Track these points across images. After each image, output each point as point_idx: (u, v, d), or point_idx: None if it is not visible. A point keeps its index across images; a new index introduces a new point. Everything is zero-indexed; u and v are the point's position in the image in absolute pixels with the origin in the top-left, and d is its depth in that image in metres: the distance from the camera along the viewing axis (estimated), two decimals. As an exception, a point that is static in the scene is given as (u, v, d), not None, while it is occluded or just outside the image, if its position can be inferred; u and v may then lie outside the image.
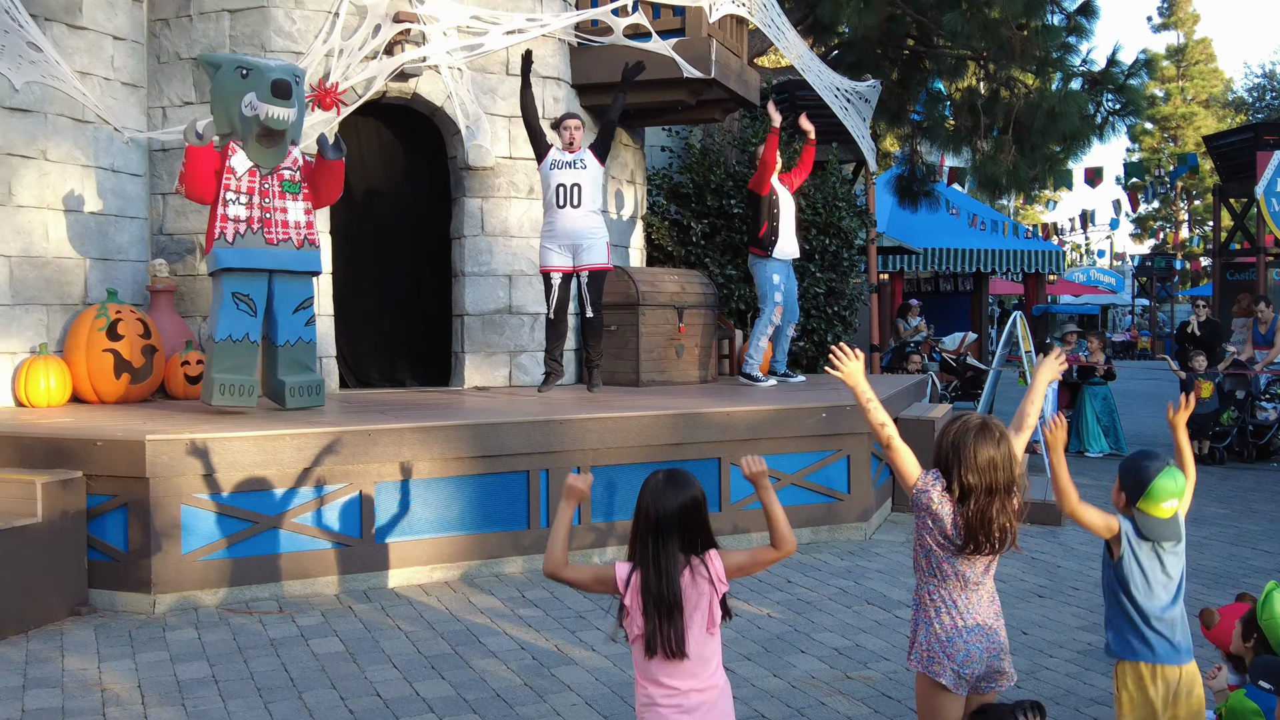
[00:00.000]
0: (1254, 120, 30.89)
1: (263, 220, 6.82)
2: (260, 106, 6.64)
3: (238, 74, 6.72)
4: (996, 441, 3.17)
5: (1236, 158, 15.13)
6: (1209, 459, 11.72)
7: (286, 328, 6.97)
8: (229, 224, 6.71)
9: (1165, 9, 48.66)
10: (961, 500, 3.17)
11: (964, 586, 3.24)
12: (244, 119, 6.71)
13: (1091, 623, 5.81)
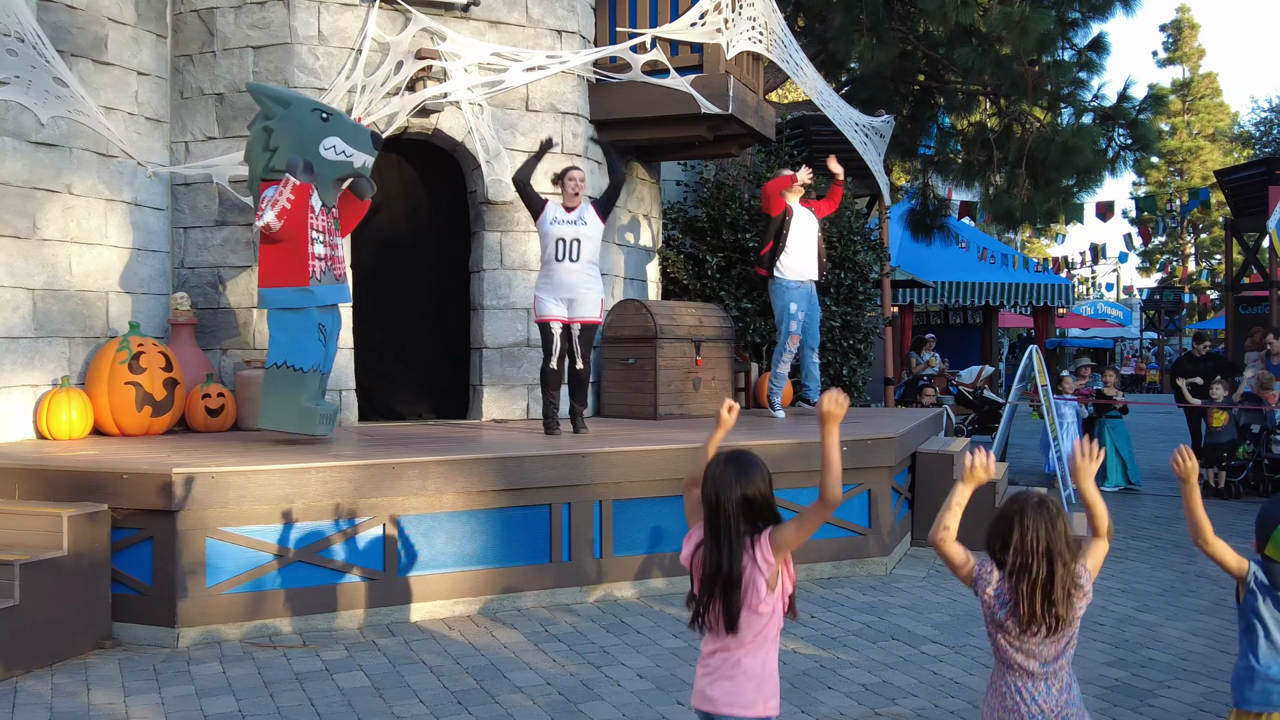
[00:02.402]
0: (1261, 154, 30.98)
1: (329, 257, 7.02)
2: (356, 154, 6.96)
3: (316, 116, 6.90)
4: (1053, 519, 3.07)
5: (1248, 192, 15.18)
6: (1225, 493, 11.68)
7: (330, 357, 7.24)
8: (316, 262, 6.87)
9: (1170, 44, 48.97)
10: (1012, 576, 3.06)
11: (1029, 676, 3.11)
12: (328, 162, 6.91)
13: (1117, 659, 5.78)
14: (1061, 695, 3.12)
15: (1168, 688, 5.33)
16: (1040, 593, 3.01)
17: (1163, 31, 49.39)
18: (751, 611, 3.03)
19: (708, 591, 3.04)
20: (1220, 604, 6.97)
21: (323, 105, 7.13)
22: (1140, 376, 34.87)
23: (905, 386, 14.51)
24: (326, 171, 6.91)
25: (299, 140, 6.83)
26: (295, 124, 6.87)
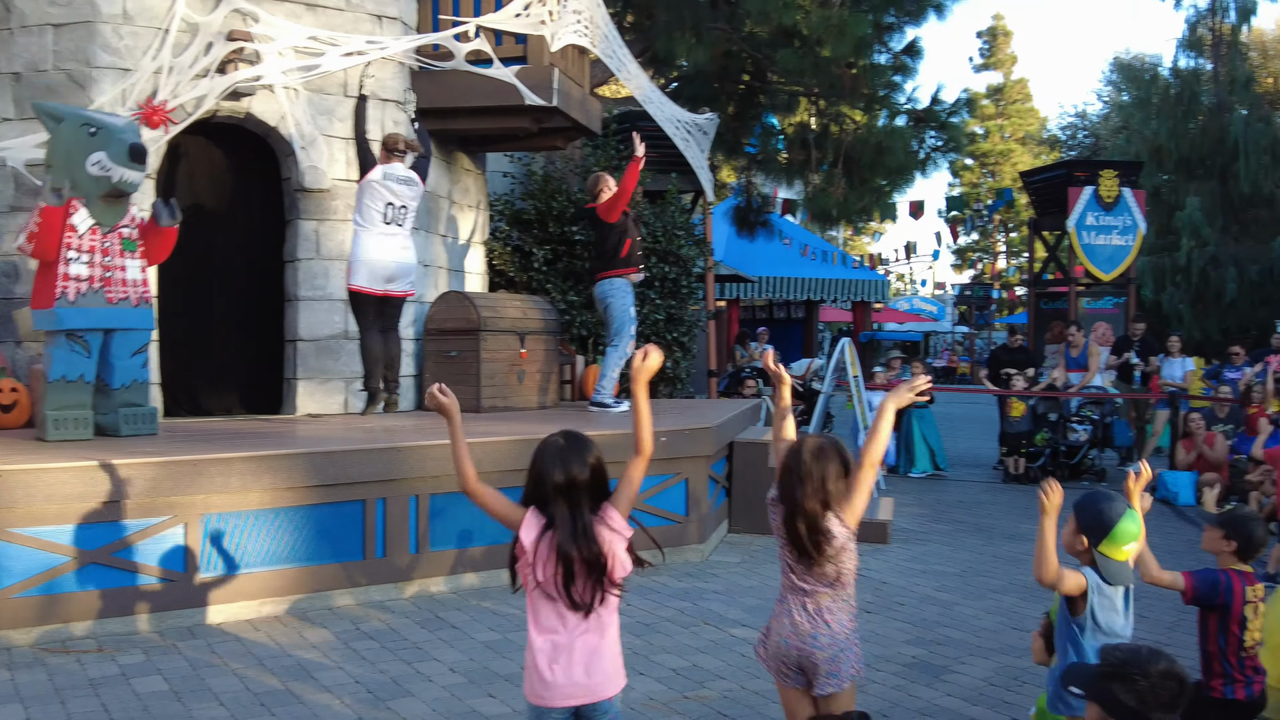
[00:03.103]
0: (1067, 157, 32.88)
1: (103, 279, 6.65)
2: (114, 169, 6.54)
3: (84, 131, 6.57)
4: (829, 457, 3.42)
5: (1050, 193, 16.05)
6: (1024, 478, 12.37)
7: (123, 371, 6.85)
8: (71, 283, 6.52)
9: (986, 50, 51.40)
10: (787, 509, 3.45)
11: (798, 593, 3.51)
12: (92, 178, 6.56)
13: (916, 637, 6.06)
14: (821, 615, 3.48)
15: (962, 664, 5.62)
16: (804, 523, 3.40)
17: (979, 38, 51.84)
18: (613, 583, 3.14)
19: (569, 572, 3.08)
20: (1013, 583, 7.39)
21: (95, 118, 6.72)
22: (952, 369, 36.56)
23: (729, 378, 14.81)
24: (91, 189, 6.61)
25: (68, 157, 6.56)
26: (66, 141, 6.60)
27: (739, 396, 13.70)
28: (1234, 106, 22.41)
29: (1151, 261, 22.20)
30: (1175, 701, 2.74)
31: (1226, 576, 4.59)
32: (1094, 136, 34.30)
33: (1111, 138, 29.42)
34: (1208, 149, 22.43)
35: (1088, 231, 14.96)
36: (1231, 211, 22.63)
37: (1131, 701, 2.74)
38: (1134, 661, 2.78)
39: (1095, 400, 12.86)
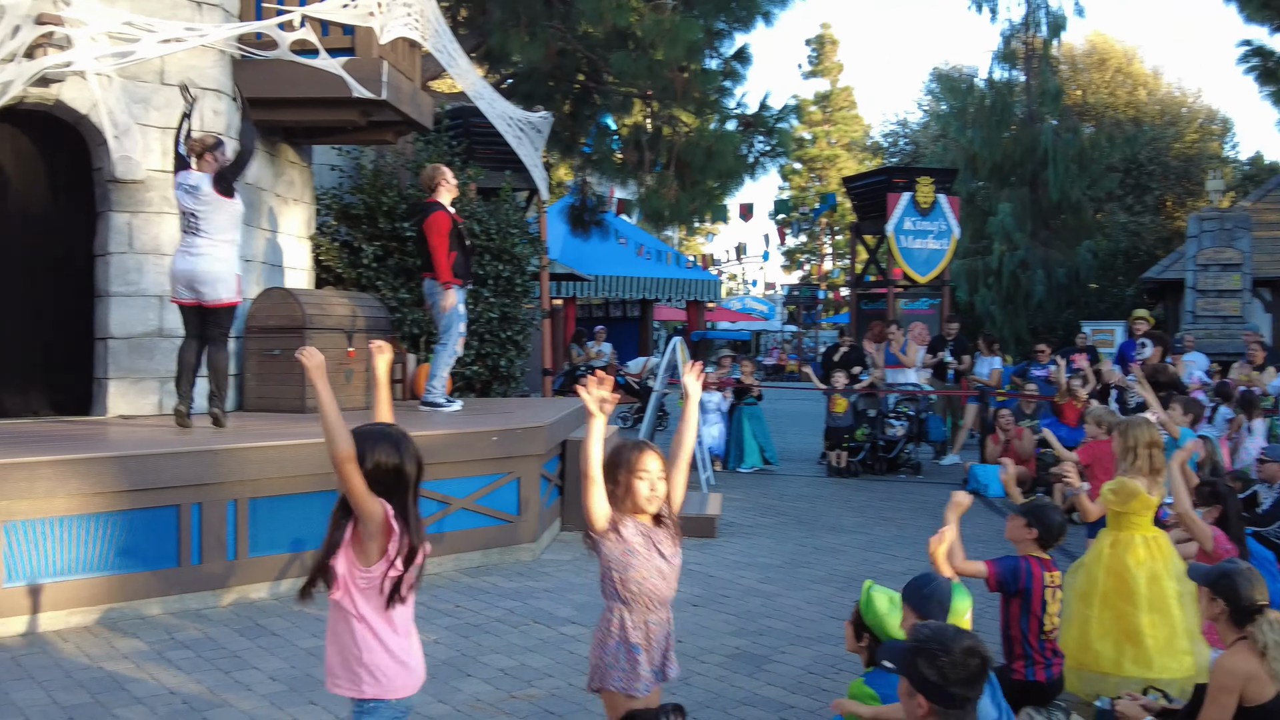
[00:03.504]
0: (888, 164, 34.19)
1: None
2: None
3: None
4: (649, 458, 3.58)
5: (870, 198, 16.68)
6: (845, 471, 12.83)
7: None
8: None
9: (814, 58, 52.98)
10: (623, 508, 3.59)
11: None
12: None
13: (739, 628, 6.22)
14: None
15: (782, 653, 5.81)
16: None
17: (808, 46, 53.39)
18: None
19: (410, 564, 3.15)
20: (834, 574, 7.66)
21: None
22: (781, 366, 37.57)
23: (564, 377, 14.86)
24: None
25: None
26: None
27: (574, 395, 13.77)
28: (1044, 117, 23.71)
29: (966, 264, 23.32)
30: (975, 678, 2.92)
31: (1027, 563, 4.89)
32: (914, 144, 35.71)
33: (930, 145, 30.73)
34: (1019, 157, 23.67)
35: (905, 235, 15.61)
36: (1040, 217, 23.94)
37: (934, 676, 2.90)
38: (938, 639, 2.96)
39: (911, 397, 13.44)
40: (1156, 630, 4.79)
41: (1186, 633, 4.78)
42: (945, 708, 2.89)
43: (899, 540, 9.01)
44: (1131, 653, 4.80)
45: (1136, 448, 5.01)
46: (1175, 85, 34.65)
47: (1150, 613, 4.82)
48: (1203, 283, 17.12)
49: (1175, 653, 4.76)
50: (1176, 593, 4.81)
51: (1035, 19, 23.78)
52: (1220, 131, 33.31)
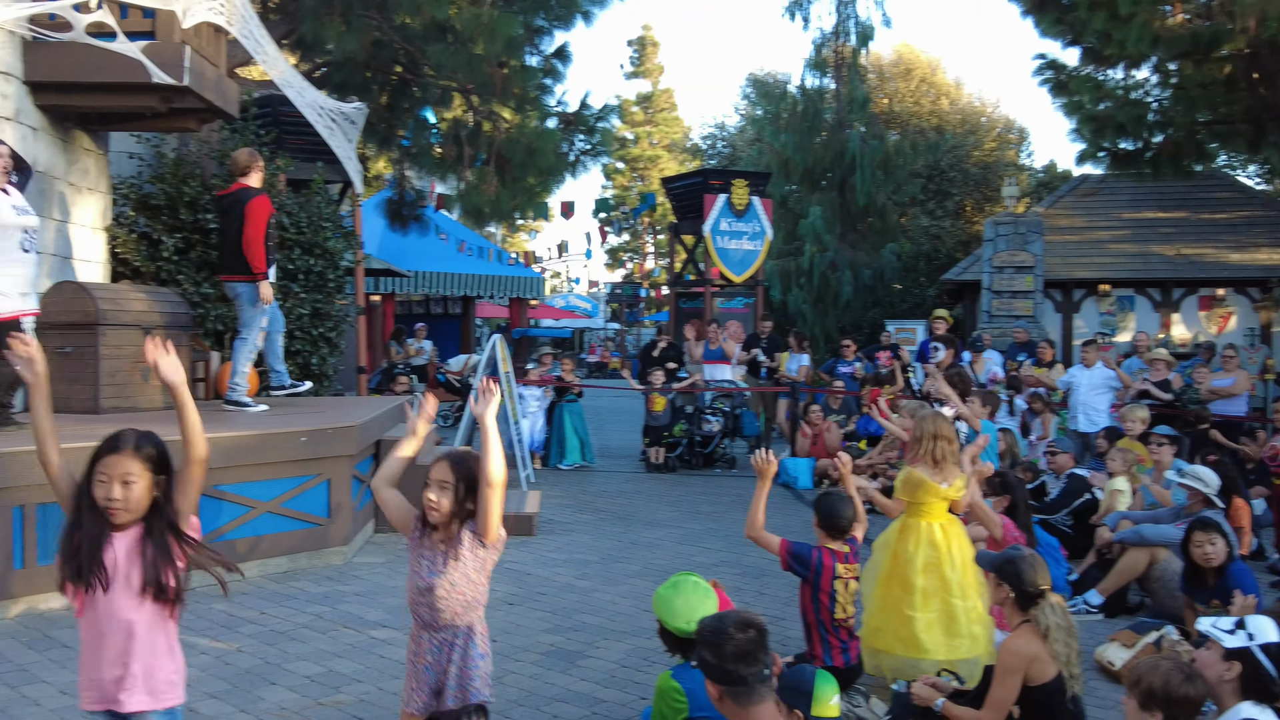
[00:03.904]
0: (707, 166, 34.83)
1: None
2: None
3: None
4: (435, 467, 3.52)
5: (688, 198, 16.96)
6: (663, 467, 13.02)
7: None
8: None
9: (636, 59, 53.48)
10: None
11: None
12: None
13: (554, 625, 6.24)
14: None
15: (596, 648, 5.85)
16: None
17: (630, 47, 53.85)
18: None
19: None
20: (649, 568, 7.77)
21: None
22: (604, 364, 37.82)
23: (380, 375, 14.57)
24: None
25: None
26: None
27: (391, 394, 13.51)
28: (853, 124, 24.58)
29: (779, 265, 23.97)
30: (749, 653, 3.04)
31: (819, 553, 5.08)
32: (732, 147, 36.49)
33: (747, 149, 31.42)
34: (829, 162, 24.48)
35: (721, 236, 15.96)
36: (849, 220, 24.83)
37: (712, 658, 3.05)
38: (719, 627, 3.08)
39: (726, 393, 13.75)
40: (930, 614, 5.03)
41: (969, 617, 5.04)
42: (730, 686, 3.00)
43: (712, 533, 9.20)
44: (905, 635, 5.05)
45: (923, 438, 5.26)
46: (976, 96, 36.54)
47: (925, 597, 5.06)
48: (998, 284, 18.11)
49: (953, 636, 5.01)
50: (960, 579, 5.07)
51: (845, 28, 24.64)
52: (1017, 140, 35.27)
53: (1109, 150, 18.03)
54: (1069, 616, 4.25)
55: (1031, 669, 4.12)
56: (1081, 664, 4.28)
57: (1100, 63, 17.73)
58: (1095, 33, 15.79)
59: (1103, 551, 7.37)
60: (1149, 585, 6.94)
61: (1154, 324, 19.48)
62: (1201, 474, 7.00)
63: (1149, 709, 3.38)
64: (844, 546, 5.16)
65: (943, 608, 5.04)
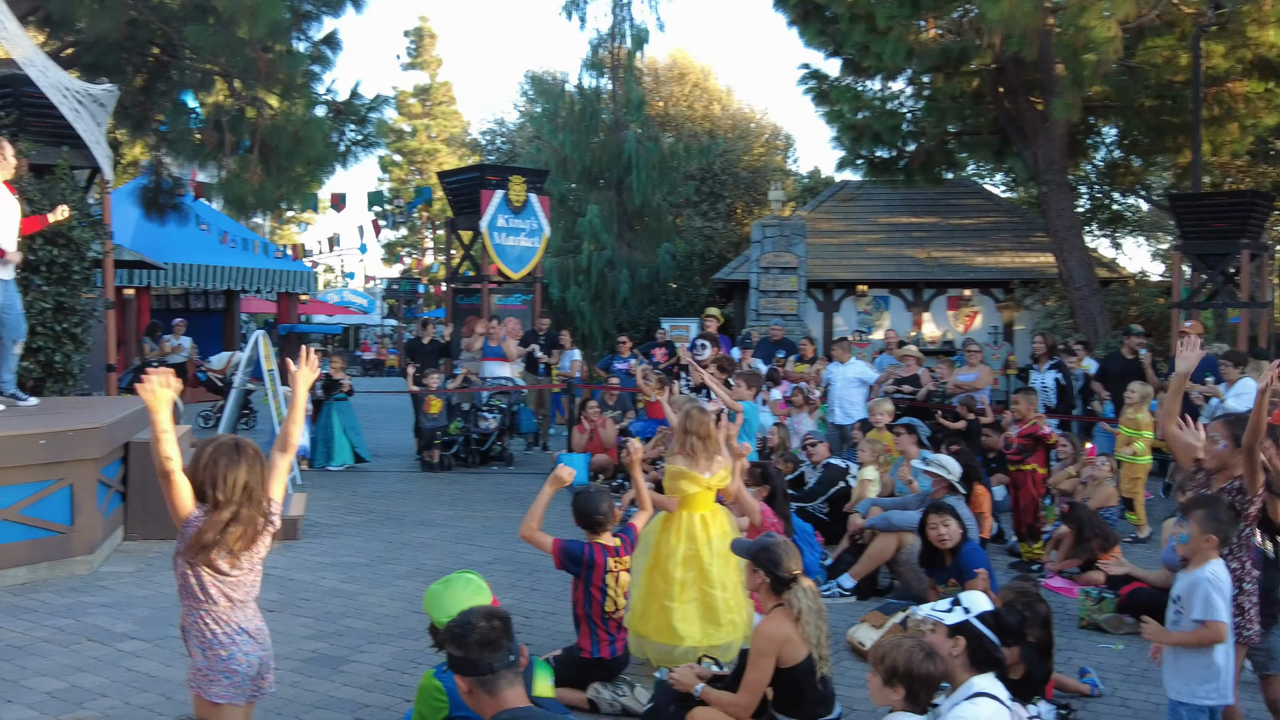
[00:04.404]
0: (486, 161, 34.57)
1: None
2: None
3: None
4: (250, 463, 3.44)
5: (465, 194, 16.75)
6: (439, 466, 12.85)
7: None
8: None
9: (413, 50, 52.47)
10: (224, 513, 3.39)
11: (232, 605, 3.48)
12: None
13: (318, 630, 6.07)
14: (257, 617, 3.59)
15: (362, 652, 5.73)
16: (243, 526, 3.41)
17: (407, 37, 52.77)
18: None
19: None
20: (420, 569, 7.66)
21: None
22: (381, 361, 37.00)
23: (132, 373, 13.74)
24: None
25: None
26: None
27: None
28: (629, 125, 24.95)
29: (558, 262, 24.09)
30: (494, 641, 3.07)
31: (591, 549, 5.16)
32: (511, 143, 36.36)
33: (526, 146, 31.37)
34: (607, 162, 24.77)
35: (499, 233, 15.87)
36: (625, 220, 25.19)
37: (458, 652, 3.07)
38: (464, 620, 3.12)
39: (503, 390, 13.71)
40: (687, 604, 5.21)
41: (727, 605, 5.23)
42: (478, 676, 3.02)
43: (487, 531, 9.17)
44: (664, 623, 5.21)
45: (681, 432, 5.44)
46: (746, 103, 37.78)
47: (683, 588, 5.24)
48: (764, 284, 18.77)
49: (710, 625, 5.20)
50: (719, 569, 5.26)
51: (621, 31, 24.97)
52: (784, 146, 36.66)
53: (866, 158, 19.03)
54: (820, 600, 4.47)
55: (784, 651, 4.31)
56: (832, 645, 4.51)
57: (859, 74, 18.69)
58: (855, 45, 16.62)
59: (855, 537, 7.77)
60: (897, 568, 7.38)
61: (907, 323, 20.67)
62: (945, 462, 7.48)
63: (892, 685, 3.59)
64: (615, 540, 5.25)
65: (700, 598, 5.21)
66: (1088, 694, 5.44)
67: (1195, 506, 4.15)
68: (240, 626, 3.49)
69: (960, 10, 17.07)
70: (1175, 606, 4.13)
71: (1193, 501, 4.24)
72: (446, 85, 53.20)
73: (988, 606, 3.90)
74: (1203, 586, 4.00)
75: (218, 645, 3.45)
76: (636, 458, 5.58)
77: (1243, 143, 19.09)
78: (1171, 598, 4.17)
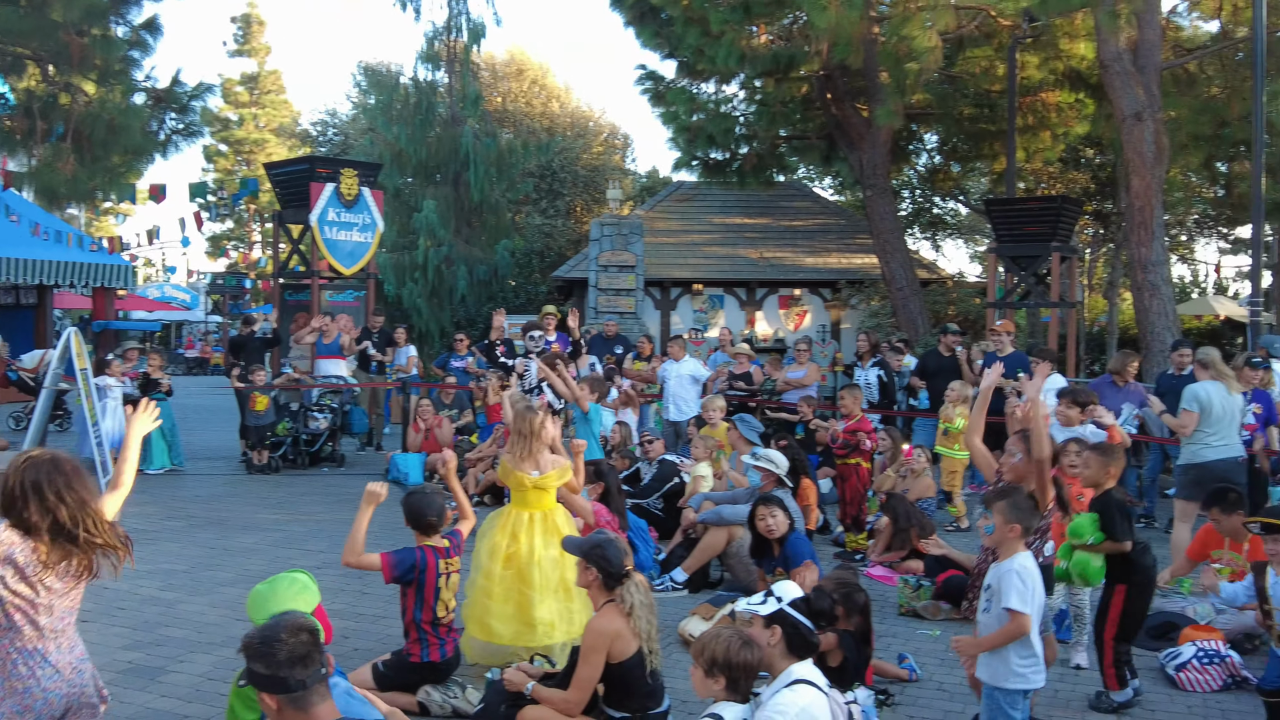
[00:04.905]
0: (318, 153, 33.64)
1: None
2: None
3: None
4: (69, 480, 3.25)
5: (294, 186, 16.25)
6: (266, 468, 12.46)
7: None
8: None
9: (241, 36, 50.66)
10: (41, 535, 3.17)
11: (40, 633, 3.25)
12: None
13: (134, 641, 5.84)
14: (75, 649, 3.42)
15: (181, 662, 5.53)
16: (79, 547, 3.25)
17: (234, 23, 50.92)
18: None
19: None
20: (244, 574, 7.42)
21: None
22: (205, 359, 35.61)
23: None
24: None
25: None
26: None
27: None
28: (466, 120, 24.68)
29: (393, 258, 23.66)
30: (307, 654, 2.91)
31: (422, 553, 5.10)
32: (344, 135, 35.50)
33: (359, 138, 30.69)
34: (443, 157, 24.43)
35: (329, 227, 15.46)
36: (463, 216, 24.91)
37: (267, 669, 2.87)
38: (269, 636, 2.91)
39: (335, 389, 13.39)
40: (508, 605, 5.24)
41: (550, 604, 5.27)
42: (289, 693, 2.87)
43: (316, 534, 8.96)
44: (486, 622, 5.23)
45: (515, 432, 5.45)
46: (584, 101, 37.98)
47: (504, 586, 5.26)
48: (603, 282, 18.89)
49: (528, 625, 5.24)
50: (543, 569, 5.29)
51: (457, 24, 24.66)
52: (622, 146, 36.96)
53: (701, 159, 19.35)
54: (650, 594, 4.54)
55: (614, 646, 4.36)
56: (663, 638, 4.59)
57: (694, 76, 18.99)
58: (690, 48, 16.87)
59: (688, 532, 7.92)
60: (728, 561, 7.55)
61: (740, 321, 21.14)
62: (773, 457, 7.68)
63: (713, 676, 3.68)
64: (444, 542, 5.20)
65: (516, 598, 5.23)
66: (906, 679, 5.68)
67: (997, 498, 4.39)
68: (45, 658, 3.26)
69: (790, 17, 17.54)
70: (987, 595, 4.34)
71: (994, 493, 4.48)
72: (276, 74, 51.56)
73: (799, 594, 4.04)
74: (1012, 578, 4.20)
75: (15, 677, 3.22)
76: (451, 467, 5.56)
77: (1054, 150, 20.28)
78: (984, 586, 4.39)
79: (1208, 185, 21.68)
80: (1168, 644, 6.16)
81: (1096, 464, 5.42)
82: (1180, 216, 25.89)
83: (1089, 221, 25.36)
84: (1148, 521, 10.23)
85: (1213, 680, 5.66)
